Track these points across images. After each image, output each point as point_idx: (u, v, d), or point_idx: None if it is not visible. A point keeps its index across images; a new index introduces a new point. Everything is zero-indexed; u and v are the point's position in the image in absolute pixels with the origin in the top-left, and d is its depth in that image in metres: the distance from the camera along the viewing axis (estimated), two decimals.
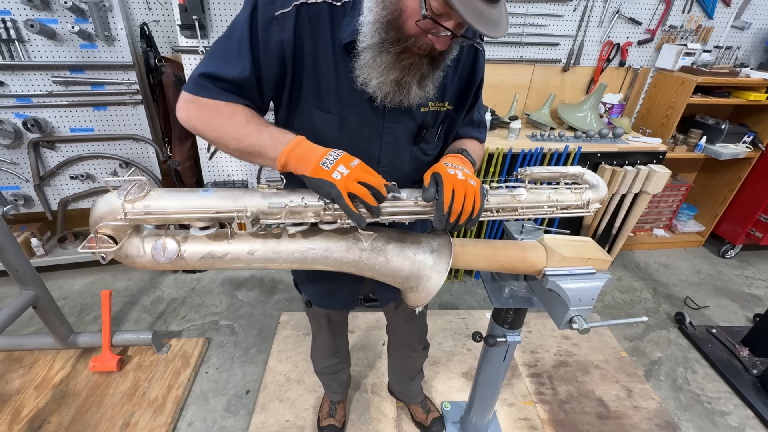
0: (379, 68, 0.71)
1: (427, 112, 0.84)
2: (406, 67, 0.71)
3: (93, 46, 1.91)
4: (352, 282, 1.05)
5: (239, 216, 0.67)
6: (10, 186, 2.14)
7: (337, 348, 1.39)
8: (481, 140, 0.99)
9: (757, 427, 1.70)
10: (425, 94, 0.76)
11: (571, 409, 1.73)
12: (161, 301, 2.28)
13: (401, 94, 0.74)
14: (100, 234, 0.66)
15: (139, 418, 1.59)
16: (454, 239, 0.81)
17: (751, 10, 2.45)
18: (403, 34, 0.68)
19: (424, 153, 0.90)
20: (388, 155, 0.86)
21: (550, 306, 0.89)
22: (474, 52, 0.85)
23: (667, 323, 2.25)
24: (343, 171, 0.66)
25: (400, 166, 0.88)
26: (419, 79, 0.73)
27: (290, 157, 0.69)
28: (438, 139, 0.91)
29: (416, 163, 0.90)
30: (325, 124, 0.81)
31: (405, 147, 0.87)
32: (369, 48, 0.70)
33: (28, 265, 1.56)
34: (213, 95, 0.72)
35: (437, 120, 0.88)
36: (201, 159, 2.23)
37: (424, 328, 1.37)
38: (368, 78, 0.72)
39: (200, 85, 0.73)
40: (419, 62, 0.71)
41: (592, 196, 0.83)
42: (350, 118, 0.80)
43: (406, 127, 0.84)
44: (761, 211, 2.62)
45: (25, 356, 1.84)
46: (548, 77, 2.48)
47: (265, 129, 0.72)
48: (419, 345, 1.39)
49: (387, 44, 0.69)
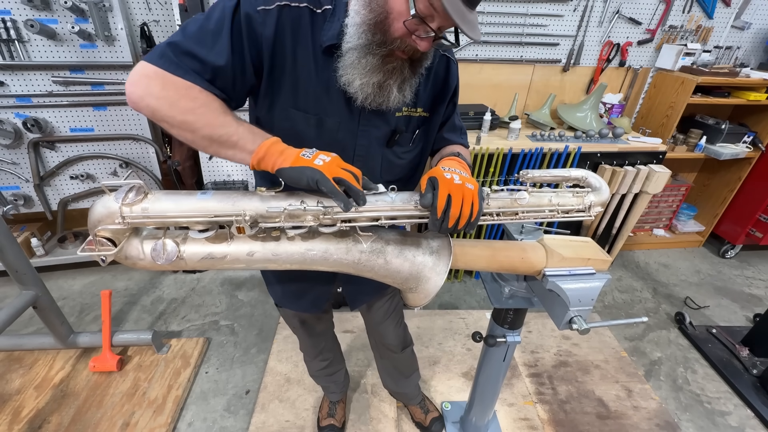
0: (363, 70, 0.72)
1: (401, 117, 0.86)
2: (389, 71, 0.73)
3: (93, 46, 1.91)
4: (320, 283, 1.05)
5: (238, 220, 0.67)
6: (10, 186, 2.14)
7: (320, 349, 1.37)
8: (466, 146, 1.01)
9: (757, 427, 1.70)
10: (404, 99, 0.78)
11: (571, 409, 1.73)
12: (161, 301, 2.28)
13: (381, 96, 0.75)
14: (99, 237, 0.66)
15: (139, 418, 1.59)
16: (454, 240, 0.81)
17: (751, 10, 2.45)
18: (389, 37, 0.69)
19: (396, 156, 0.91)
20: (362, 157, 0.87)
21: (550, 306, 0.89)
22: (446, 61, 0.88)
23: (667, 323, 2.25)
24: (325, 158, 0.67)
25: (372, 168, 0.90)
26: (400, 83, 0.75)
27: (270, 151, 0.68)
28: (414, 144, 0.93)
29: (388, 164, 0.91)
30: (302, 124, 0.82)
31: (377, 150, 0.88)
32: (354, 49, 0.71)
33: (28, 265, 1.56)
34: (183, 74, 0.67)
35: (410, 124, 0.89)
36: (201, 159, 2.23)
37: (400, 328, 1.33)
38: (351, 79, 0.74)
39: (169, 59, 0.67)
40: (401, 66, 0.74)
41: (594, 199, 0.83)
42: (327, 119, 0.81)
43: (380, 131, 0.86)
44: (761, 211, 2.62)
45: (25, 356, 1.84)
46: (548, 77, 2.48)
47: (243, 122, 0.70)
48: (398, 346, 1.35)
49: (373, 46, 0.70)
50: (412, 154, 0.94)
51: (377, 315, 1.23)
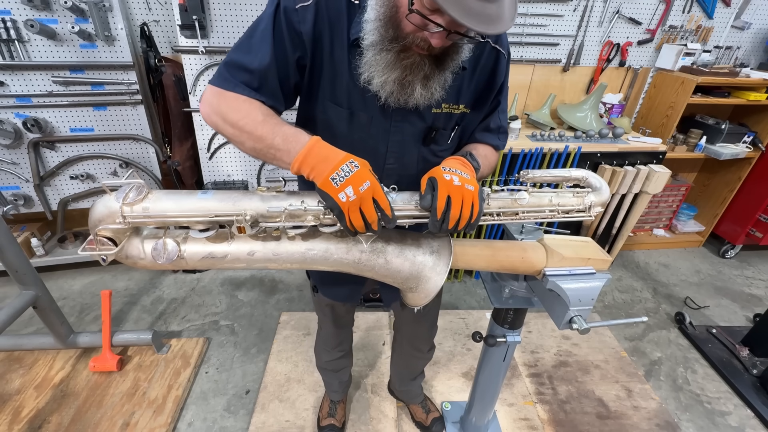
0: (380, 66, 0.71)
1: (439, 114, 0.83)
2: (407, 67, 0.70)
3: (93, 46, 1.91)
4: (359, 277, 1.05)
5: (238, 219, 0.67)
6: (10, 186, 2.14)
7: (340, 340, 1.38)
8: (497, 147, 0.96)
9: (757, 427, 1.70)
10: (430, 96, 0.75)
11: (571, 409, 1.73)
12: (161, 301, 2.28)
13: (405, 94, 0.73)
14: (100, 236, 0.66)
15: (139, 418, 1.59)
16: (454, 240, 0.81)
17: (751, 10, 2.45)
18: (400, 32, 0.68)
19: (434, 154, 0.89)
20: (395, 154, 0.86)
21: (550, 306, 0.89)
22: (496, 54, 0.84)
23: (667, 323, 2.25)
24: (350, 194, 0.64)
25: (408, 166, 0.88)
26: (422, 79, 0.72)
27: (303, 166, 0.68)
28: (451, 142, 0.90)
29: (425, 164, 0.88)
30: (336, 117, 0.82)
31: (413, 147, 0.86)
32: (371, 46, 0.71)
33: (28, 265, 1.56)
34: (232, 87, 0.73)
35: (450, 122, 0.86)
36: (201, 159, 2.23)
37: (433, 328, 1.35)
38: (371, 76, 0.73)
39: (222, 76, 0.74)
40: (421, 62, 0.71)
41: (595, 199, 0.82)
42: (359, 113, 0.81)
43: (415, 128, 0.84)
44: (761, 211, 2.62)
45: (25, 356, 1.84)
46: (548, 77, 2.48)
47: (280, 131, 0.70)
48: (425, 345, 1.37)
49: (386, 42, 0.69)
50: (449, 152, 0.91)
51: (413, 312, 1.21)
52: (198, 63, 2.02)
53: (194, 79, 2.04)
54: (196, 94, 2.08)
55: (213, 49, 1.99)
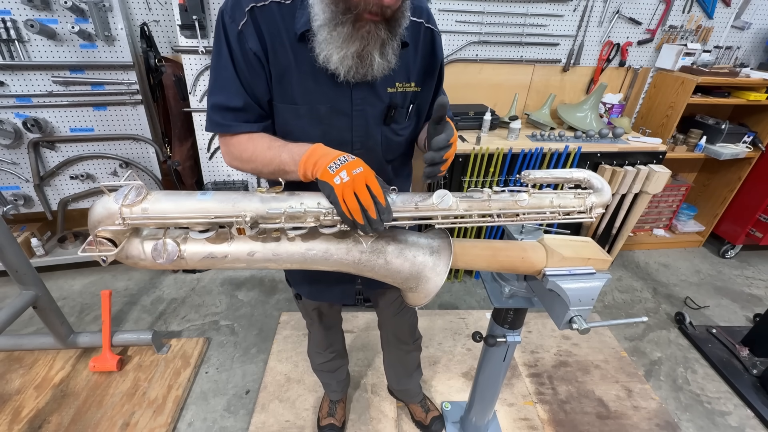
0: (338, 42, 0.71)
1: (395, 92, 0.86)
2: (364, 37, 0.71)
3: (93, 46, 1.91)
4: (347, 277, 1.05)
5: (238, 221, 0.67)
6: (10, 186, 2.14)
7: (331, 342, 1.40)
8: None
9: (757, 427, 1.70)
10: (387, 64, 0.76)
11: (571, 409, 1.73)
12: (161, 301, 2.28)
13: (364, 66, 0.74)
14: (99, 237, 0.66)
15: (139, 418, 1.59)
16: (454, 239, 0.81)
17: (751, 10, 2.45)
18: (351, 2, 0.68)
19: (395, 133, 0.92)
20: (360, 138, 0.87)
21: (550, 306, 0.89)
22: (431, 33, 0.88)
23: (667, 323, 2.25)
24: (343, 177, 0.66)
25: (373, 148, 0.90)
26: (380, 47, 0.73)
27: (306, 166, 0.72)
28: (409, 120, 0.94)
29: (387, 143, 0.92)
30: (293, 118, 0.83)
31: (376, 128, 0.88)
32: (324, 25, 0.71)
33: (28, 265, 1.56)
34: (231, 130, 0.81)
35: (405, 100, 0.90)
36: (201, 159, 2.23)
37: (413, 318, 1.38)
38: (329, 54, 0.73)
39: (215, 121, 0.81)
40: (376, 29, 0.71)
41: (596, 200, 0.82)
42: (317, 106, 0.82)
43: (375, 108, 0.86)
44: (761, 211, 2.62)
45: (25, 356, 1.84)
46: (548, 77, 2.48)
47: (285, 148, 0.76)
48: (410, 337, 1.40)
49: (339, 15, 0.69)
50: (408, 129, 0.95)
51: (393, 307, 1.26)
52: (198, 63, 2.02)
53: (194, 79, 2.04)
54: (196, 94, 2.08)
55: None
